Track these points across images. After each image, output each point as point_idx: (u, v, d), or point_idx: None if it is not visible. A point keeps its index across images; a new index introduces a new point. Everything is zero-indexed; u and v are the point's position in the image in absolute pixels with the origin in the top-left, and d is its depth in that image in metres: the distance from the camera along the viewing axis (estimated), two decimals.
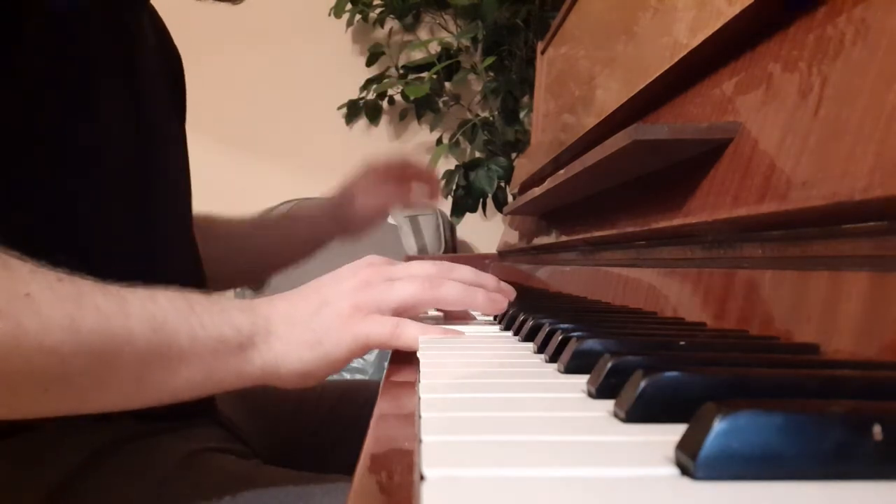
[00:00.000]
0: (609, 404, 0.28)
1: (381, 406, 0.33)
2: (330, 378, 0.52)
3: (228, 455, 0.60)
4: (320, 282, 0.51)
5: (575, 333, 0.40)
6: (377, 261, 0.53)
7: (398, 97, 2.25)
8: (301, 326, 0.48)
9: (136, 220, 0.61)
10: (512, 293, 0.58)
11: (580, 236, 0.84)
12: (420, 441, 0.23)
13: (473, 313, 0.65)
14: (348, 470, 0.25)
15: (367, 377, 1.72)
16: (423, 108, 2.19)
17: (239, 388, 0.48)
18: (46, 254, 0.42)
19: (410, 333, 0.48)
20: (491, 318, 0.65)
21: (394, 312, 0.50)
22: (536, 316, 0.50)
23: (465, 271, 0.55)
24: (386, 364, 0.47)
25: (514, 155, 2.04)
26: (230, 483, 0.53)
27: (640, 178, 0.66)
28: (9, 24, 0.50)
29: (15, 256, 0.40)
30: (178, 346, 0.44)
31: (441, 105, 2.20)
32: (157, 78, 0.67)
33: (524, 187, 1.22)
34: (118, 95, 0.60)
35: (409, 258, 1.42)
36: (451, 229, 2.09)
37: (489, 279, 0.57)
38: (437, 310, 0.61)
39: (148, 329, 0.43)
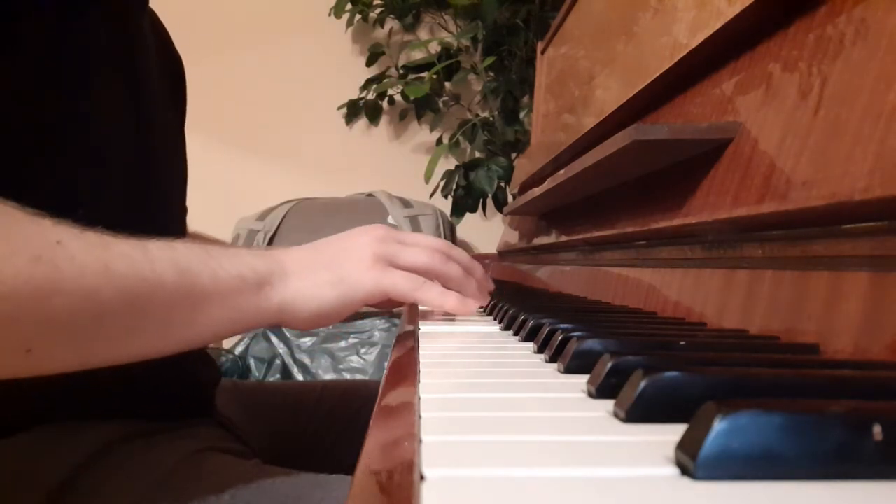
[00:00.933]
0: (609, 404, 0.28)
1: (381, 406, 0.33)
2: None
3: (228, 455, 0.60)
4: (335, 237, 0.56)
5: (575, 333, 0.40)
6: (385, 226, 0.57)
7: (398, 97, 2.25)
8: (320, 268, 0.52)
9: (135, 219, 0.61)
10: (492, 286, 0.65)
11: (580, 236, 0.84)
12: (420, 441, 0.23)
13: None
14: (348, 470, 0.25)
15: (367, 377, 1.72)
16: (423, 108, 2.19)
17: (258, 326, 0.51)
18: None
19: (433, 293, 0.53)
20: (491, 317, 0.65)
21: (406, 271, 0.54)
22: (537, 316, 0.50)
23: (462, 254, 0.61)
24: (386, 364, 0.47)
25: (514, 155, 2.04)
26: (229, 483, 0.53)
27: (640, 178, 0.66)
28: (9, 23, 0.50)
29: (33, 211, 0.40)
30: (202, 287, 0.46)
31: (441, 105, 2.20)
32: (158, 79, 0.67)
33: (524, 187, 1.22)
34: (118, 96, 0.60)
35: None
36: (451, 229, 2.09)
37: (478, 267, 0.62)
38: None
39: (173, 272, 0.44)
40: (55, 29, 0.53)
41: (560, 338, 0.40)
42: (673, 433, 0.21)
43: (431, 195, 2.04)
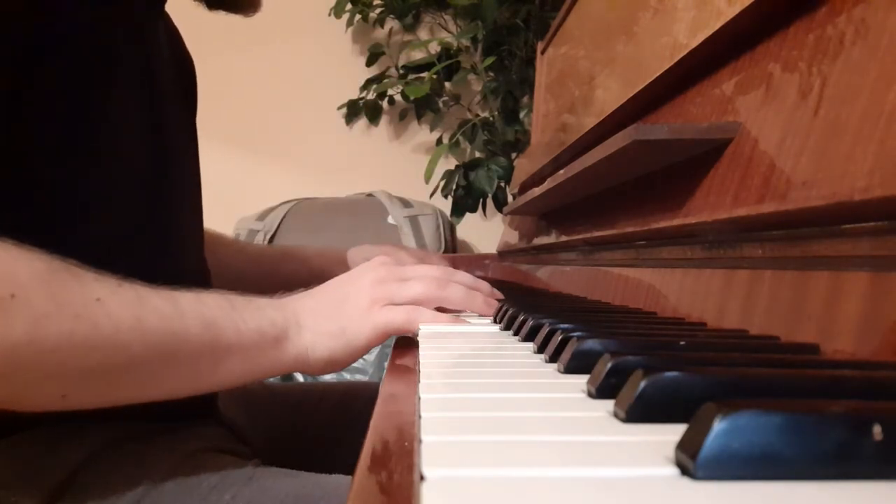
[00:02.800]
0: (609, 404, 0.28)
1: (381, 406, 0.33)
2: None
3: (228, 455, 0.60)
4: (339, 280, 0.58)
5: (575, 333, 0.40)
6: (389, 261, 0.59)
7: (398, 97, 2.25)
8: (326, 319, 0.54)
9: (151, 224, 0.61)
10: (500, 297, 0.66)
11: (580, 236, 0.84)
12: (420, 441, 0.23)
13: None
14: (348, 470, 0.25)
15: (367, 378, 1.72)
16: (423, 108, 2.18)
17: (275, 375, 0.54)
18: (58, 255, 0.43)
19: (423, 316, 0.55)
20: (491, 318, 0.65)
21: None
22: (536, 316, 0.50)
23: (465, 276, 0.62)
24: (386, 364, 0.48)
25: (514, 155, 2.04)
26: (230, 483, 0.53)
27: (640, 178, 0.66)
28: (31, 30, 0.50)
29: (75, 265, 0.43)
30: (226, 341, 0.49)
31: (441, 105, 2.20)
32: (173, 84, 0.68)
33: (524, 187, 1.22)
34: (136, 102, 0.60)
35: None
36: (451, 229, 2.09)
37: (483, 284, 0.64)
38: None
39: (200, 326, 0.48)
40: (77, 36, 0.53)
41: (560, 338, 0.40)
42: (673, 433, 0.21)
43: (431, 195, 2.04)
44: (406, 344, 0.53)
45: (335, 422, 0.82)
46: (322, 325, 0.54)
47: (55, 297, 0.41)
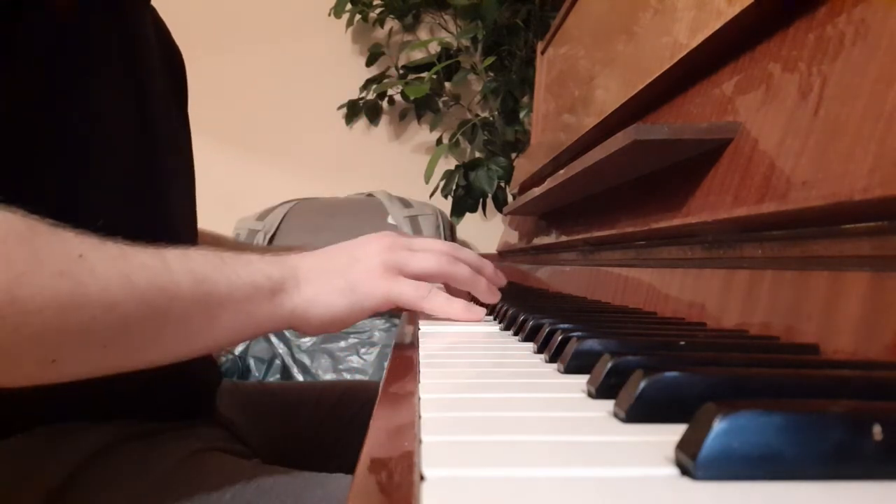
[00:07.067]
0: (609, 404, 0.28)
1: (381, 406, 0.33)
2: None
3: (228, 455, 0.60)
4: (343, 244, 0.56)
5: (575, 333, 0.40)
6: (395, 232, 0.58)
7: (398, 97, 2.25)
8: (332, 275, 0.53)
9: (141, 217, 0.61)
10: (504, 281, 0.65)
11: (580, 236, 0.84)
12: (420, 441, 0.23)
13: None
14: (348, 470, 0.25)
15: (367, 377, 1.72)
16: (423, 108, 2.19)
17: (271, 331, 0.53)
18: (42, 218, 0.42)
19: (439, 301, 0.54)
20: (491, 317, 0.65)
21: (414, 278, 0.55)
22: (536, 316, 0.50)
23: (471, 254, 0.62)
24: (386, 364, 0.47)
25: (514, 155, 2.04)
26: (230, 482, 0.53)
27: (640, 178, 0.66)
28: (11, 21, 0.50)
29: (55, 223, 0.41)
30: (218, 295, 0.47)
31: (441, 105, 2.20)
32: (160, 75, 0.67)
33: (524, 187, 1.22)
34: (121, 93, 0.60)
35: None
36: (451, 229, 2.09)
37: (488, 264, 0.63)
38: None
39: (191, 281, 0.46)
40: (57, 28, 0.53)
41: (560, 338, 0.40)
42: (673, 433, 0.21)
43: (431, 195, 2.04)
44: (406, 343, 0.53)
45: (334, 422, 0.82)
46: (326, 282, 0.52)
47: (36, 255, 0.39)
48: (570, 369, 0.36)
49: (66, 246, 0.41)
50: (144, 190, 0.61)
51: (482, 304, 0.64)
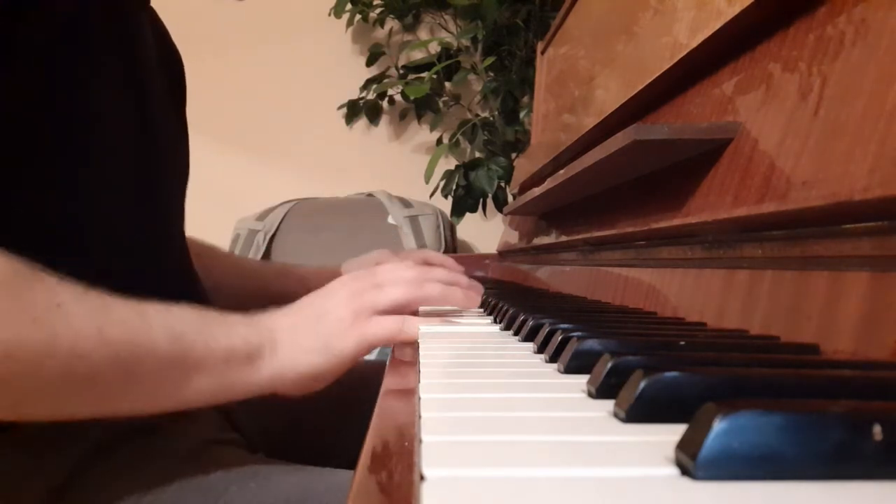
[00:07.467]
0: (609, 404, 0.28)
1: (381, 405, 0.33)
2: None
3: (231, 447, 0.60)
4: (313, 296, 0.56)
5: (575, 333, 0.40)
6: (360, 273, 0.58)
7: (398, 97, 2.25)
8: (305, 335, 0.52)
9: (137, 218, 0.61)
10: (481, 289, 0.65)
11: (580, 236, 0.84)
12: (420, 441, 0.23)
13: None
14: (350, 465, 0.25)
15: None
16: (423, 108, 2.19)
17: (247, 396, 0.51)
18: (48, 254, 0.43)
19: (415, 327, 0.54)
20: (491, 317, 0.65)
21: (388, 313, 0.55)
22: (536, 316, 0.50)
23: (440, 272, 0.62)
24: (386, 364, 0.48)
25: (514, 155, 2.04)
26: (234, 475, 0.53)
27: (640, 178, 0.66)
28: (11, 21, 0.50)
29: (40, 269, 0.42)
30: (194, 357, 0.47)
31: (441, 105, 2.20)
32: (158, 76, 0.67)
33: (524, 187, 1.22)
34: (120, 95, 0.60)
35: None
36: (451, 229, 2.09)
37: (461, 278, 0.64)
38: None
39: (167, 339, 0.45)
40: (57, 28, 0.53)
41: (560, 338, 0.40)
42: (673, 433, 0.21)
43: (431, 195, 2.04)
44: (406, 343, 0.53)
45: (335, 416, 0.82)
46: (302, 341, 0.52)
47: (15, 300, 0.39)
48: (570, 369, 0.36)
49: (47, 293, 0.41)
50: (144, 190, 0.61)
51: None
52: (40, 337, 0.39)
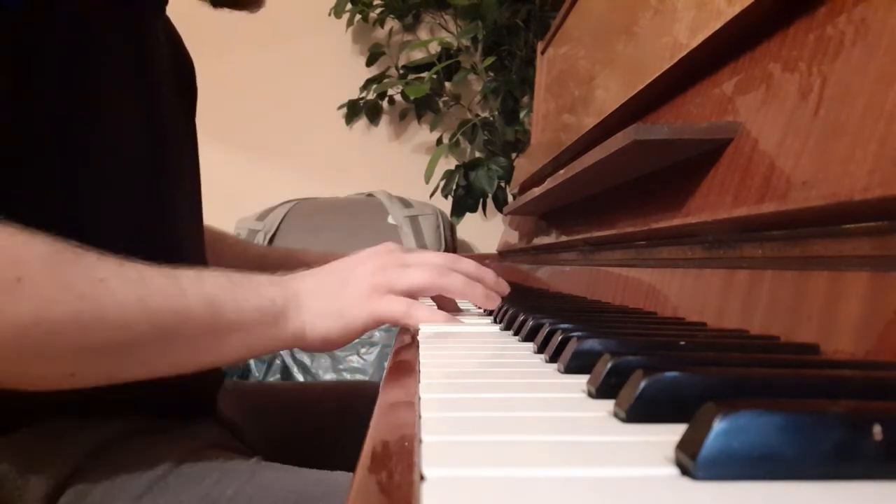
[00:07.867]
0: (609, 404, 0.28)
1: (381, 406, 0.33)
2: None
3: (229, 452, 0.60)
4: (342, 262, 0.58)
5: (575, 333, 0.40)
6: (394, 247, 0.60)
7: (398, 97, 2.25)
8: (326, 300, 0.55)
9: (150, 222, 0.62)
10: (506, 289, 0.64)
11: (580, 236, 0.84)
12: (420, 441, 0.23)
13: (467, 308, 0.69)
14: (348, 471, 0.25)
15: (367, 377, 1.72)
16: (423, 108, 2.18)
17: (274, 351, 0.56)
18: (65, 239, 0.44)
19: (421, 314, 0.55)
20: (491, 317, 0.65)
21: (404, 294, 0.56)
22: (536, 316, 0.50)
23: (469, 264, 0.61)
24: (386, 364, 0.48)
25: (514, 155, 2.04)
26: (232, 478, 0.53)
27: (640, 178, 0.66)
28: (26, 28, 0.50)
29: (78, 246, 0.44)
30: (227, 319, 0.50)
31: (441, 105, 2.20)
32: (170, 82, 0.68)
33: (524, 187, 1.22)
34: (132, 101, 0.60)
35: None
36: (451, 229, 2.09)
37: (488, 274, 0.63)
38: (433, 299, 0.67)
39: (202, 304, 0.49)
40: (70, 33, 0.54)
41: (560, 338, 0.40)
42: (673, 433, 0.21)
43: (431, 195, 2.04)
44: (406, 344, 0.53)
45: (335, 422, 0.82)
46: (321, 305, 0.55)
47: (60, 280, 0.42)
48: (570, 369, 0.36)
49: (89, 270, 0.44)
50: (147, 191, 0.62)
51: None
52: (89, 310, 0.43)
